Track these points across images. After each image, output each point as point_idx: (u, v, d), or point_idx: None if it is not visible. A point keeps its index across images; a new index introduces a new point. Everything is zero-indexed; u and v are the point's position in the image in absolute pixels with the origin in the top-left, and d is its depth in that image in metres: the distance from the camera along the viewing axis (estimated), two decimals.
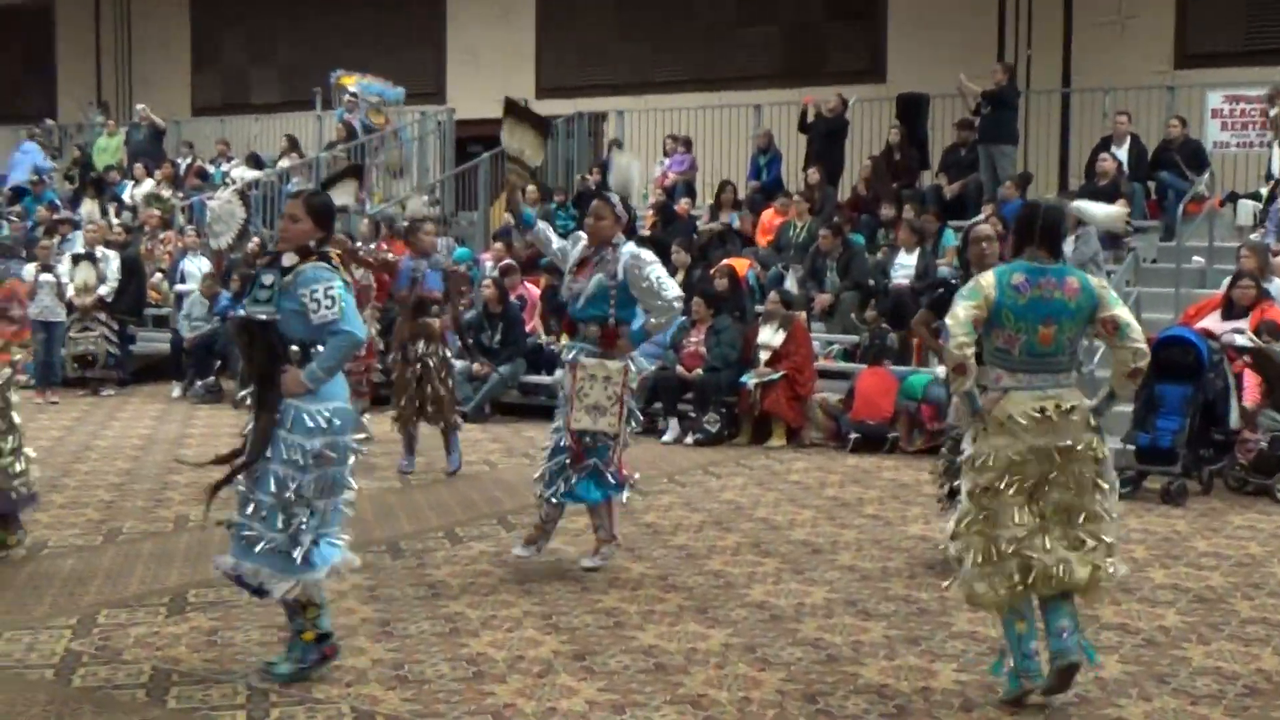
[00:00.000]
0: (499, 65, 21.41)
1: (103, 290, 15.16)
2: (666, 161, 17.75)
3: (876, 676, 5.53)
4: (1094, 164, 14.69)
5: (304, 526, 5.30)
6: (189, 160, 20.96)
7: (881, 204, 15.37)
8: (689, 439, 11.89)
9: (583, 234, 7.45)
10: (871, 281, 14.02)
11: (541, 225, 7.66)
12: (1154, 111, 15.58)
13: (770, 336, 12.18)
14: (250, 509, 5.31)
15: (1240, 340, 9.93)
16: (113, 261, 15.41)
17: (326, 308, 5.26)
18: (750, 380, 11.96)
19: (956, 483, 5.46)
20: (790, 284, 14.24)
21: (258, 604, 6.00)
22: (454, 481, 10.06)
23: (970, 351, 4.93)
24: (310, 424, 5.29)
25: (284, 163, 19.81)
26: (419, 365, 9.91)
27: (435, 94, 21.69)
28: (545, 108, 20.46)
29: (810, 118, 16.97)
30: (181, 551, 7.65)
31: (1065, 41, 17.45)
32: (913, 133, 16.76)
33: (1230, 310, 10.47)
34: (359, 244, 12.16)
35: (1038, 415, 4.97)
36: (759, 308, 13.06)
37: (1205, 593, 6.88)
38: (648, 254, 7.24)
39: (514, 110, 7.76)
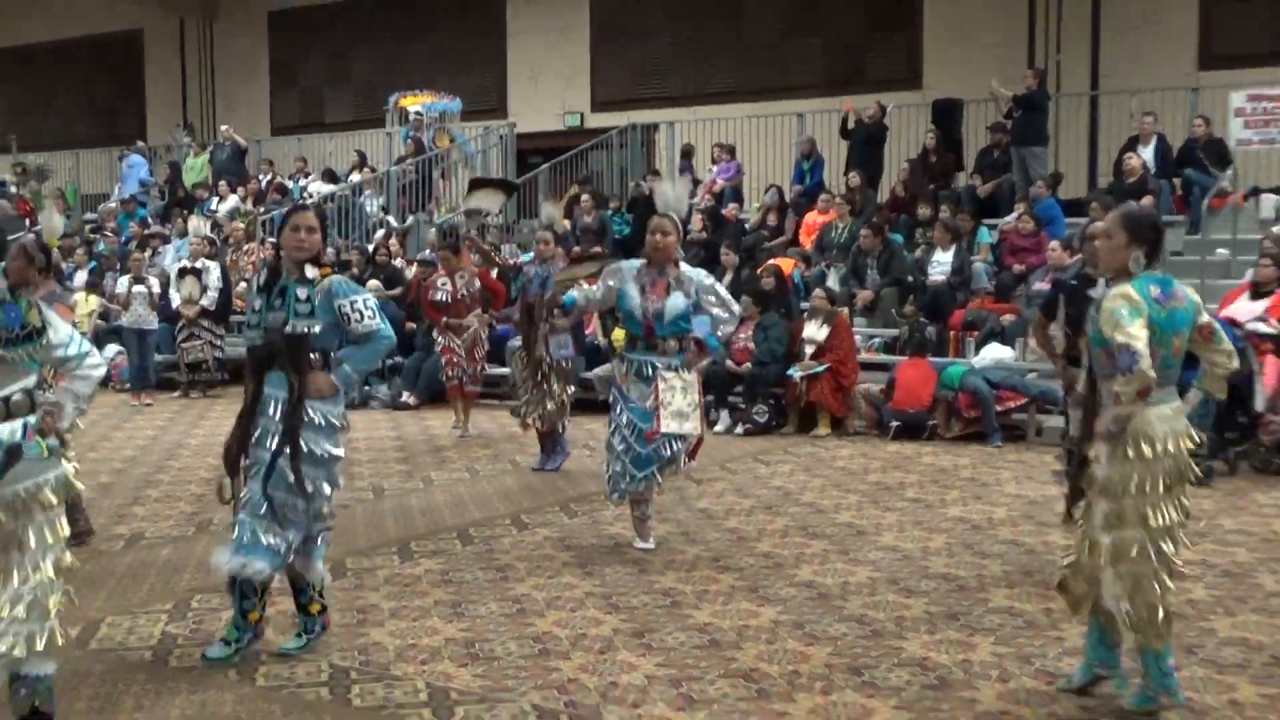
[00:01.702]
0: (557, 82, 21.53)
1: (205, 301, 15.35)
2: (714, 169, 17.76)
3: (918, 650, 5.52)
4: (1121, 163, 14.60)
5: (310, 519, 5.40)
6: (270, 177, 21.19)
7: (919, 204, 15.33)
8: (739, 429, 11.90)
9: (621, 265, 7.51)
10: (910, 278, 14.01)
11: (578, 297, 7.66)
12: (1179, 111, 15.47)
13: (815, 331, 12.18)
14: (264, 509, 5.30)
15: (1263, 328, 9.86)
16: (214, 272, 15.57)
17: (369, 318, 5.34)
18: (797, 373, 11.97)
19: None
20: (833, 282, 14.24)
21: (336, 589, 6.10)
22: (519, 472, 10.12)
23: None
24: (331, 424, 5.38)
25: (355, 177, 19.99)
26: (543, 367, 9.91)
27: (497, 109, 21.81)
28: (601, 120, 20.64)
29: (851, 124, 16.97)
30: None
31: (1093, 46, 17.35)
32: (948, 137, 16.73)
33: (1256, 291, 10.50)
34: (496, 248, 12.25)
35: (1174, 437, 4.62)
36: (804, 305, 13.05)
37: (1232, 568, 6.82)
38: (706, 273, 7.62)
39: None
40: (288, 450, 5.29)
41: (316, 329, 5.31)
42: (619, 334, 8.88)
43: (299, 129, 23.94)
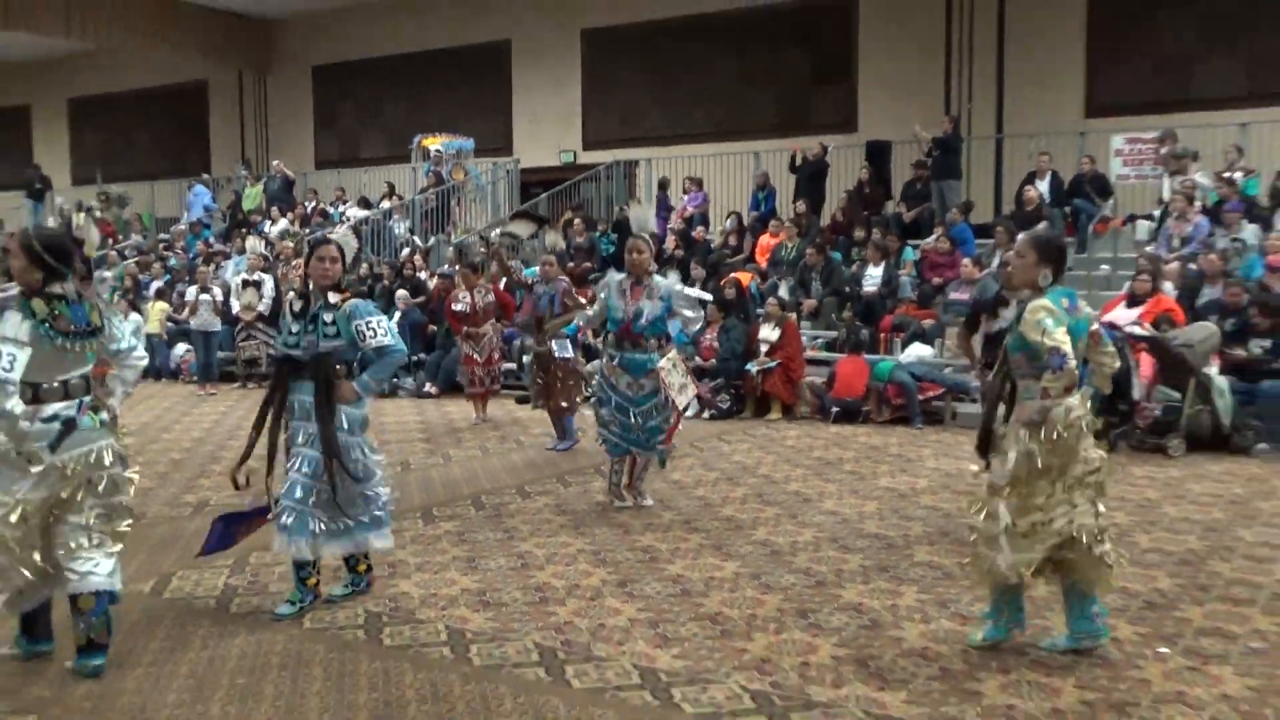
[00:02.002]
0: (554, 125, 21.50)
1: (261, 307, 15.27)
2: (685, 198, 17.77)
3: (855, 597, 5.53)
4: (1022, 194, 14.64)
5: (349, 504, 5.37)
6: (314, 204, 21.11)
7: (855, 228, 15.37)
8: (706, 415, 11.90)
9: (607, 279, 7.66)
10: (847, 289, 14.03)
11: (579, 322, 8.24)
12: (1069, 152, 15.51)
13: (769, 333, 12.18)
14: (308, 495, 5.27)
15: (1138, 330, 9.91)
16: (268, 283, 15.51)
17: (382, 334, 5.30)
18: (753, 367, 11.97)
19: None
20: (784, 292, 14.24)
21: (379, 554, 6.08)
22: (524, 450, 10.10)
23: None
24: (356, 424, 5.36)
25: (386, 204, 19.94)
26: (549, 367, 9.85)
27: (504, 148, 21.76)
28: (591, 157, 20.63)
29: (798, 162, 16.98)
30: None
31: (998, 97, 17.39)
32: (879, 172, 16.76)
33: (1133, 299, 10.59)
34: (513, 264, 12.36)
35: (1083, 421, 4.56)
36: (759, 311, 13.05)
37: (1112, 529, 6.84)
38: (675, 278, 7.82)
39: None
40: (322, 447, 5.26)
41: (340, 345, 5.29)
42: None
43: (338, 164, 23.84)
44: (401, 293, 15.31)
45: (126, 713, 4.26)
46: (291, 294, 5.57)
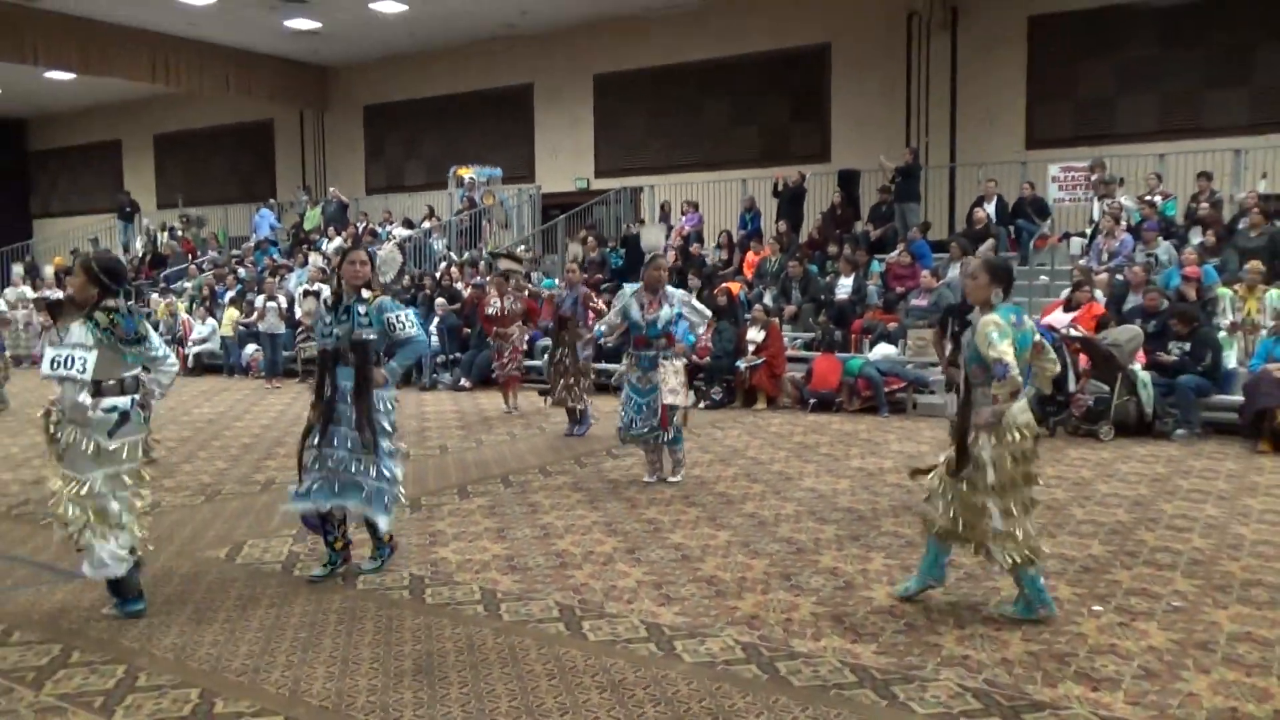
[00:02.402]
0: (570, 156, 21.45)
1: None
2: (684, 219, 17.73)
3: (830, 562, 5.51)
4: (971, 215, 14.58)
5: (389, 477, 5.29)
6: (364, 224, 21.06)
7: (828, 244, 15.29)
8: (702, 405, 11.86)
9: (623, 291, 7.82)
10: (822, 296, 13.97)
11: (603, 329, 8.13)
12: (1012, 178, 15.45)
13: (755, 335, 12.14)
14: (344, 467, 5.21)
15: (1074, 332, 9.86)
16: (325, 293, 15.40)
17: (410, 326, 5.29)
18: (742, 364, 11.93)
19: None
20: (768, 299, 14.20)
21: (414, 519, 6.05)
22: (545, 436, 10.06)
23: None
24: (386, 407, 5.31)
25: (426, 225, 19.91)
26: (565, 363, 9.85)
27: (527, 175, 21.71)
28: (602, 184, 20.58)
29: (780, 187, 16.90)
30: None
31: (951, 131, 17.32)
32: (849, 196, 16.68)
33: (1069, 305, 10.58)
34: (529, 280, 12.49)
35: (1030, 425, 4.58)
36: (747, 316, 13.01)
37: (1051, 503, 6.81)
38: (685, 291, 8.10)
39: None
40: (360, 422, 5.21)
41: (374, 336, 5.25)
42: None
43: (385, 190, 23.79)
44: (440, 300, 15.27)
45: (205, 661, 4.24)
46: (326, 294, 5.57)
